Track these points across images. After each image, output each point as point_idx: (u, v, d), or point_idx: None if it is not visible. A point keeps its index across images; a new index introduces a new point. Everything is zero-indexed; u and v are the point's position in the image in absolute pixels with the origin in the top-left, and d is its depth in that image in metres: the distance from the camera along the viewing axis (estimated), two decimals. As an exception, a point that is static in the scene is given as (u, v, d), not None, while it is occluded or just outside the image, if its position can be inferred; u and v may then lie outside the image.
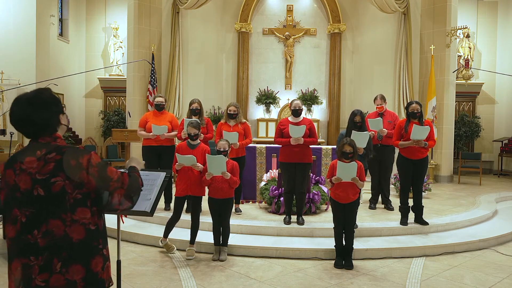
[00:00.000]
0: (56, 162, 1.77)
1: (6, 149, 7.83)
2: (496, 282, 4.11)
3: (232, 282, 4.01)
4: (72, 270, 1.78)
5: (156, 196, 2.53)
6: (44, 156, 1.78)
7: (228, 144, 4.71)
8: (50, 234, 1.76)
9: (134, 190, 1.95)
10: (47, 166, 1.77)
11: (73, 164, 1.77)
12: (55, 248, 1.76)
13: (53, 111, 1.89)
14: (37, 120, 1.84)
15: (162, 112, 6.07)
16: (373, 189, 6.54)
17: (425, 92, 9.63)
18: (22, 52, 9.39)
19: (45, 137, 1.87)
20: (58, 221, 1.77)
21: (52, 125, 1.89)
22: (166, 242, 4.82)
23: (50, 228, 1.76)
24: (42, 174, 1.77)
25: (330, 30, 10.87)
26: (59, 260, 1.76)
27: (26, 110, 1.85)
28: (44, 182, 1.76)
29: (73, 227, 1.78)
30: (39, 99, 1.87)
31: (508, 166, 11.60)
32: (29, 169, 1.79)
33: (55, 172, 1.76)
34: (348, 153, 4.35)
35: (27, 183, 1.78)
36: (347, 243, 4.48)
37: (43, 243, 1.76)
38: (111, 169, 1.88)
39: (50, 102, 1.90)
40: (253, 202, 6.67)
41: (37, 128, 1.85)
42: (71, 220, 1.78)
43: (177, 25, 9.91)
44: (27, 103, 1.86)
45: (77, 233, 1.79)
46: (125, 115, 10.31)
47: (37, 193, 1.77)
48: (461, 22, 10.14)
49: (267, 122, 10.63)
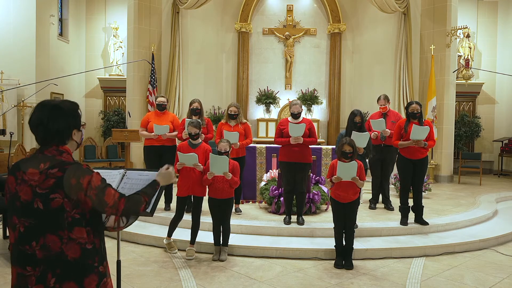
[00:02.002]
0: (57, 178, 1.76)
1: (6, 149, 7.83)
2: (496, 282, 4.10)
3: (232, 282, 4.01)
4: (66, 287, 1.78)
5: (156, 196, 2.52)
6: (46, 171, 1.77)
7: (229, 144, 4.71)
8: (47, 248, 1.76)
9: (131, 213, 1.93)
10: (47, 181, 1.76)
11: (73, 183, 1.76)
12: (50, 263, 1.76)
13: (67, 122, 1.88)
14: (49, 125, 1.84)
15: (163, 112, 6.07)
16: (373, 189, 6.54)
17: (425, 92, 9.63)
18: (22, 52, 9.40)
19: (51, 149, 1.85)
20: (55, 237, 1.77)
21: (61, 135, 1.87)
22: (169, 241, 4.82)
23: (47, 242, 1.76)
24: (42, 188, 1.76)
25: (330, 30, 10.87)
26: (53, 276, 1.76)
27: (43, 113, 1.85)
28: (44, 197, 1.76)
29: (69, 245, 1.78)
30: (59, 107, 1.88)
31: (508, 166, 11.60)
32: (31, 181, 1.78)
33: (54, 188, 1.75)
34: (347, 153, 4.35)
35: (27, 194, 1.78)
36: (347, 243, 4.48)
37: (40, 256, 1.77)
38: (109, 192, 1.84)
39: (68, 113, 1.89)
40: (253, 202, 6.67)
41: (46, 133, 1.84)
42: (68, 238, 1.78)
43: (177, 25, 9.91)
44: (47, 108, 1.87)
45: (72, 252, 1.79)
46: (125, 115, 10.31)
47: (36, 205, 1.76)
48: (461, 22, 10.14)
49: (267, 122, 10.63)
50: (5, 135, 7.79)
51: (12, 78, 9.30)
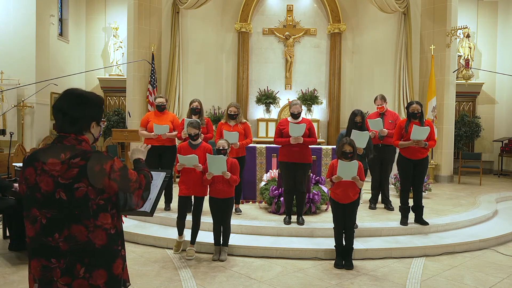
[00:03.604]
0: (81, 167, 1.75)
1: (6, 149, 7.83)
2: (496, 282, 4.10)
3: (232, 282, 4.01)
4: (96, 275, 1.78)
5: (156, 196, 2.52)
6: (68, 160, 1.76)
7: (228, 143, 4.71)
8: (73, 239, 1.75)
9: (148, 187, 1.96)
10: (70, 171, 1.75)
11: (96, 170, 1.76)
12: (78, 253, 1.76)
13: (87, 112, 1.88)
14: (69, 112, 1.84)
15: (163, 112, 6.07)
16: (373, 189, 6.54)
17: (425, 92, 9.63)
18: (22, 52, 9.39)
19: (70, 138, 1.84)
20: (81, 227, 1.76)
21: (80, 123, 1.86)
22: (182, 240, 4.80)
23: (72, 233, 1.75)
24: (65, 178, 1.75)
25: (330, 30, 10.86)
26: (82, 266, 1.76)
27: (65, 100, 1.86)
28: (67, 187, 1.74)
29: (96, 232, 1.78)
30: (82, 96, 1.89)
31: (508, 166, 11.60)
32: (52, 171, 1.76)
33: (78, 177, 1.74)
34: (348, 152, 4.35)
35: (49, 185, 1.76)
36: (347, 243, 4.48)
37: (65, 247, 1.75)
38: (130, 171, 1.89)
39: (89, 103, 1.90)
40: (253, 202, 6.66)
41: (65, 120, 1.84)
42: (94, 225, 1.78)
43: (177, 25, 9.91)
44: (71, 95, 1.88)
45: (99, 239, 1.79)
46: (125, 115, 10.31)
47: (59, 196, 1.75)
48: (461, 22, 10.13)
49: (267, 122, 10.63)
50: (5, 135, 7.79)
51: (12, 78, 9.30)
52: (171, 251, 4.86)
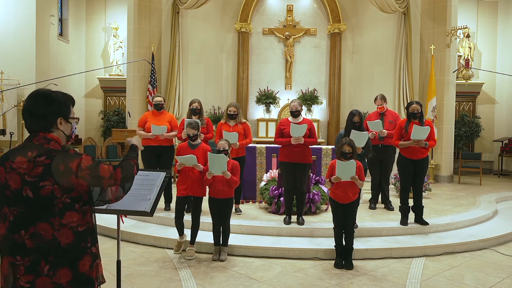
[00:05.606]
0: (45, 166, 1.76)
1: (6, 149, 7.83)
2: (496, 282, 4.10)
3: (232, 282, 4.01)
4: (59, 273, 1.78)
5: (156, 196, 2.53)
6: (34, 159, 1.77)
7: (228, 143, 4.71)
8: (39, 236, 1.76)
9: (128, 179, 1.93)
10: (36, 169, 1.76)
11: (61, 169, 1.76)
12: (43, 251, 1.76)
13: (52, 109, 1.90)
14: (34, 111, 1.87)
15: (161, 112, 6.06)
16: (373, 189, 6.54)
17: (425, 92, 9.63)
18: (22, 52, 9.39)
19: (39, 137, 1.86)
20: (47, 225, 1.77)
21: (45, 120, 1.88)
22: (183, 240, 4.79)
23: (38, 230, 1.76)
24: (31, 176, 1.76)
25: (330, 30, 10.86)
26: (47, 263, 1.76)
27: (31, 100, 1.90)
28: (33, 185, 1.76)
29: (61, 231, 1.78)
30: (47, 95, 1.91)
31: (508, 166, 11.60)
32: (19, 169, 1.78)
33: (44, 176, 1.76)
34: (347, 153, 4.35)
35: (16, 182, 1.78)
36: (347, 243, 4.48)
37: (31, 245, 1.76)
38: (103, 167, 1.84)
39: (53, 100, 1.91)
40: (253, 202, 6.66)
41: (32, 119, 1.88)
42: (59, 224, 1.78)
43: (177, 25, 9.91)
44: (36, 95, 1.91)
45: (65, 237, 1.79)
46: (125, 115, 10.31)
47: (25, 194, 1.77)
48: (461, 22, 10.13)
49: (267, 122, 10.63)
50: (5, 135, 7.80)
51: (12, 78, 9.29)
52: (171, 251, 4.86)
